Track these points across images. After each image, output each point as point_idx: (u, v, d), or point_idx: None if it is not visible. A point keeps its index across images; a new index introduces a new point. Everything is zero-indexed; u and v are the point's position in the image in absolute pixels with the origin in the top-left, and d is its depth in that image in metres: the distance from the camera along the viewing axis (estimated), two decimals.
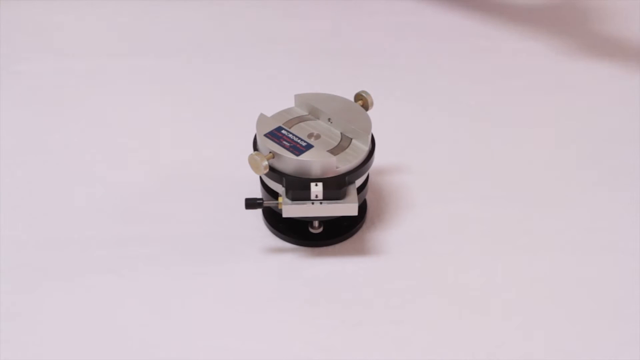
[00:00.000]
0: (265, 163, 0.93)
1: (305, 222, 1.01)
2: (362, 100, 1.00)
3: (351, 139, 0.97)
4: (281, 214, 0.95)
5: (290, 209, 0.94)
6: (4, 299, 0.94)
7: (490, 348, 0.90)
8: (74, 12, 1.41)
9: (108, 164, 1.12)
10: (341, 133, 0.98)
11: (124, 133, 1.17)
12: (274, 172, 0.94)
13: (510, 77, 1.27)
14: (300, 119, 0.99)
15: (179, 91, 1.23)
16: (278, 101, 1.01)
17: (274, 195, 0.97)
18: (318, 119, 0.99)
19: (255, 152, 0.94)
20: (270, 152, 0.94)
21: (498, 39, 1.35)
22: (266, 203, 0.97)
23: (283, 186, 0.94)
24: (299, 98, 0.99)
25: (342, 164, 0.94)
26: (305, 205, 0.94)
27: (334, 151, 0.95)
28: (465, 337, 0.91)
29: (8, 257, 0.99)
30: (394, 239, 1.02)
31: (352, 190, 0.95)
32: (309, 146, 0.94)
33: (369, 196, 1.06)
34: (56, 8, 1.42)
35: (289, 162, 0.93)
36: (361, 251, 1.00)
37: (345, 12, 1.40)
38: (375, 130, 0.98)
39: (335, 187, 0.94)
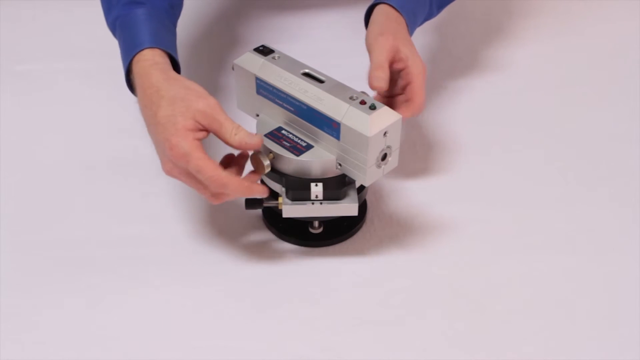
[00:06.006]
0: (267, 162, 0.93)
1: (305, 222, 1.01)
2: None
3: None
4: (281, 214, 0.95)
5: (290, 209, 0.94)
6: (4, 299, 0.95)
7: (490, 348, 0.90)
8: (74, 12, 1.41)
9: (108, 163, 1.12)
10: None
11: (123, 133, 1.17)
12: (274, 172, 0.94)
13: (505, 77, 1.28)
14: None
15: None
16: None
17: (274, 195, 0.97)
18: None
19: (256, 151, 0.94)
20: (270, 153, 0.94)
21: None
22: (266, 203, 0.97)
23: (283, 186, 0.94)
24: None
25: None
26: (305, 205, 0.94)
27: None
28: (465, 337, 0.91)
29: (8, 257, 0.99)
30: (394, 239, 1.02)
31: (352, 190, 0.95)
32: (309, 146, 0.94)
33: (369, 196, 1.06)
34: (56, 8, 1.42)
35: (289, 162, 0.93)
36: (361, 251, 1.00)
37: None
38: None
39: (335, 187, 0.94)
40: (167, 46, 0.96)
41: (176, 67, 0.97)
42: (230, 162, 0.93)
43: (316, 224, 1.01)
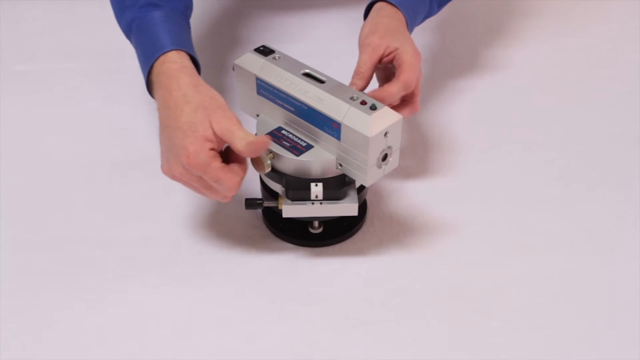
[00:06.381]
0: (268, 162, 0.93)
1: (305, 222, 1.01)
2: None
3: None
4: (281, 214, 0.95)
5: (290, 209, 0.94)
6: (4, 299, 0.95)
7: (490, 348, 0.90)
8: (74, 12, 1.41)
9: (108, 163, 1.12)
10: None
11: (123, 133, 1.17)
12: (274, 172, 0.94)
13: (505, 77, 1.28)
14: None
15: None
16: None
17: (274, 195, 0.97)
18: None
19: None
20: (270, 153, 0.94)
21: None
22: (266, 203, 0.97)
23: (283, 186, 0.94)
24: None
25: None
26: (305, 205, 0.94)
27: None
28: (465, 337, 0.91)
29: (8, 257, 0.99)
30: (394, 239, 1.02)
31: (352, 190, 0.95)
32: (309, 146, 0.94)
33: (369, 196, 1.06)
34: (56, 8, 1.42)
35: (289, 162, 0.93)
36: (361, 251, 1.00)
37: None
38: None
39: (335, 187, 0.94)
40: (190, 49, 0.97)
41: (197, 69, 0.97)
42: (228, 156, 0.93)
43: (316, 224, 1.01)
